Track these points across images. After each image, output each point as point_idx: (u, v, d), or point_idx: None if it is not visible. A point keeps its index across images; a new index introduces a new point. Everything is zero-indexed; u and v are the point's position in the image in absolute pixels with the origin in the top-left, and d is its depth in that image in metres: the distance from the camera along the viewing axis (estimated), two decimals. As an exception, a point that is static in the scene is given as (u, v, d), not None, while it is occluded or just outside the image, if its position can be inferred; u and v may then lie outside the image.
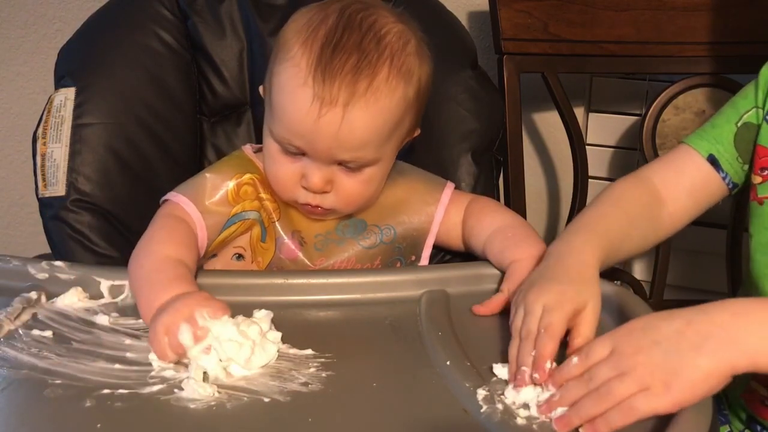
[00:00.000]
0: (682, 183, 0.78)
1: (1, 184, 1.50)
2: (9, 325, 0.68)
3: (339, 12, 0.75)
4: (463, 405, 0.57)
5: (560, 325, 0.60)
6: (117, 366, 0.62)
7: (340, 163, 0.76)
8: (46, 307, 0.72)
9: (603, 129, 1.25)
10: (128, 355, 0.64)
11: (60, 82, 0.93)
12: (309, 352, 0.65)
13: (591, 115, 1.26)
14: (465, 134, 0.91)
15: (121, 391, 0.59)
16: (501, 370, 0.61)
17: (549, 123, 1.28)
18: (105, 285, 0.75)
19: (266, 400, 0.58)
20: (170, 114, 0.96)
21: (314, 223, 0.82)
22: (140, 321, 0.70)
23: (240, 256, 0.83)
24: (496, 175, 0.94)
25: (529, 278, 0.67)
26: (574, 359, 0.57)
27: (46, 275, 0.76)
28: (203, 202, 0.79)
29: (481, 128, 0.92)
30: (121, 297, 0.75)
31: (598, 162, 1.30)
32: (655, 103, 1.04)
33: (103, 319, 0.70)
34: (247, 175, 0.81)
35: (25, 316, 0.70)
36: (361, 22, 0.74)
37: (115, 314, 0.71)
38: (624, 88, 1.22)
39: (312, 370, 0.62)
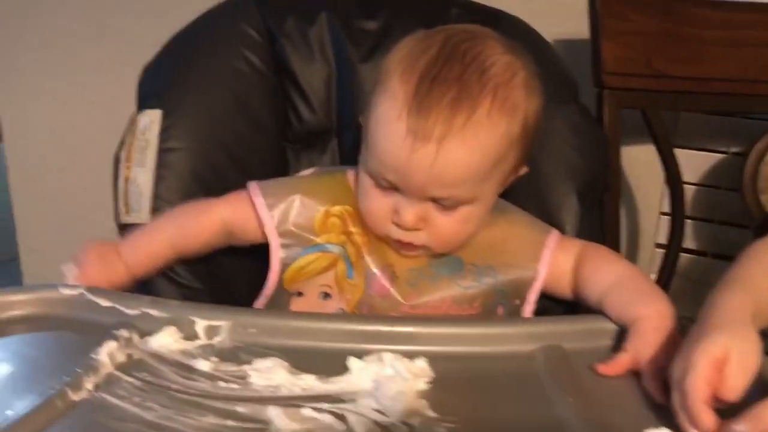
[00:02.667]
0: None
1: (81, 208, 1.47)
2: (107, 368, 0.64)
3: (442, 42, 0.71)
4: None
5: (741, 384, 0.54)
6: (230, 422, 0.58)
7: (434, 200, 0.72)
8: (140, 348, 0.68)
9: (687, 165, 1.20)
10: (239, 409, 0.59)
11: (145, 103, 0.89)
12: (431, 413, 0.60)
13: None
14: (570, 172, 0.86)
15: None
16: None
17: (630, 157, 1.23)
18: (201, 325, 0.71)
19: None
20: (255, 139, 0.93)
21: (408, 258, 0.78)
22: (243, 367, 0.65)
23: (327, 295, 0.79)
24: (600, 216, 0.89)
25: (688, 339, 0.61)
26: (741, 425, 0.52)
27: (138, 312, 0.72)
28: (287, 223, 0.77)
29: (586, 166, 0.87)
30: (218, 338, 0.70)
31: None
32: (758, 144, 0.99)
33: (203, 365, 0.65)
34: (338, 207, 0.78)
35: (120, 357, 0.66)
36: (464, 53, 0.71)
37: (214, 359, 0.67)
38: (709, 124, 1.17)
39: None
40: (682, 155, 1.20)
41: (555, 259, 0.79)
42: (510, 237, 0.79)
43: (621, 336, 0.72)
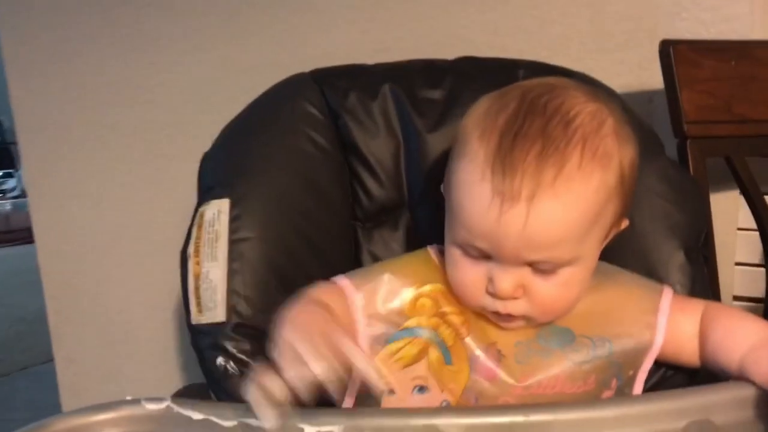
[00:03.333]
0: None
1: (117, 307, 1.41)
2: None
3: (520, 98, 0.67)
4: None
5: None
6: None
7: (531, 265, 0.66)
8: (246, 464, 0.61)
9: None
10: None
11: (209, 193, 0.84)
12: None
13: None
14: (672, 229, 0.80)
15: None
16: None
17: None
18: (309, 432, 0.64)
19: None
20: (327, 220, 0.87)
21: (512, 331, 0.71)
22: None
23: (422, 388, 0.71)
24: (706, 273, 0.83)
25: None
26: None
27: (234, 423, 0.65)
28: (375, 305, 0.71)
29: (688, 221, 0.81)
30: (331, 447, 0.63)
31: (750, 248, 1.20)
32: None
33: (324, 480, 0.58)
34: (429, 287, 0.72)
35: (228, 478, 0.59)
36: (545, 106, 0.66)
37: (334, 470, 0.59)
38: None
39: None
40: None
41: (675, 324, 0.72)
42: (621, 302, 0.73)
43: (771, 403, 0.65)
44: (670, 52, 0.90)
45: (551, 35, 1.12)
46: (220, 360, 0.78)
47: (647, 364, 0.72)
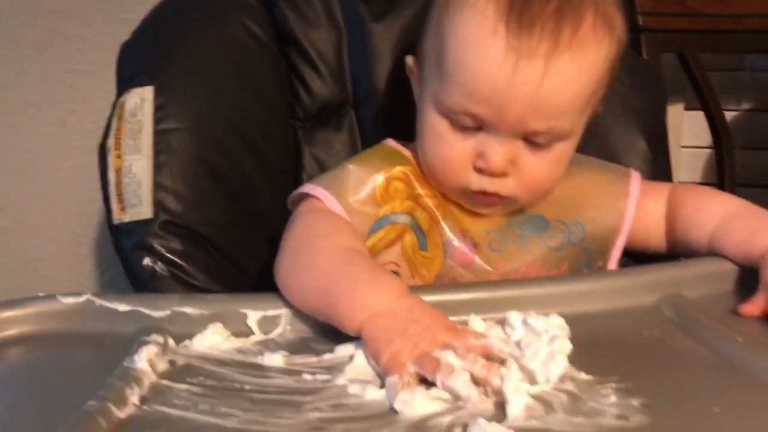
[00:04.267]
0: None
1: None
2: (150, 377, 0.49)
3: None
4: None
5: None
6: (339, 414, 0.44)
7: (526, 138, 0.61)
8: (182, 353, 0.53)
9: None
10: (346, 401, 0.45)
11: (130, 82, 0.75)
12: (584, 376, 0.47)
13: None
14: (633, 116, 0.77)
15: None
16: None
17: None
18: (253, 318, 0.56)
19: (590, 443, 0.41)
20: (264, 116, 0.80)
21: (482, 219, 0.66)
22: (325, 356, 0.52)
23: (394, 273, 0.65)
24: (668, 160, 0.80)
25: None
26: None
27: (167, 313, 0.57)
28: (347, 199, 0.63)
29: (649, 108, 0.78)
30: (277, 331, 0.56)
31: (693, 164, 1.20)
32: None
33: (275, 360, 0.51)
34: (398, 168, 0.66)
35: (161, 365, 0.51)
36: None
37: (283, 352, 0.53)
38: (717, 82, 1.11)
39: (613, 399, 0.45)
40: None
41: (642, 207, 0.68)
42: (590, 187, 0.68)
43: (743, 276, 0.62)
44: (625, -61, 0.86)
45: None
46: (146, 260, 0.70)
47: (616, 252, 0.69)
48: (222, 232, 0.74)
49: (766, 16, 0.91)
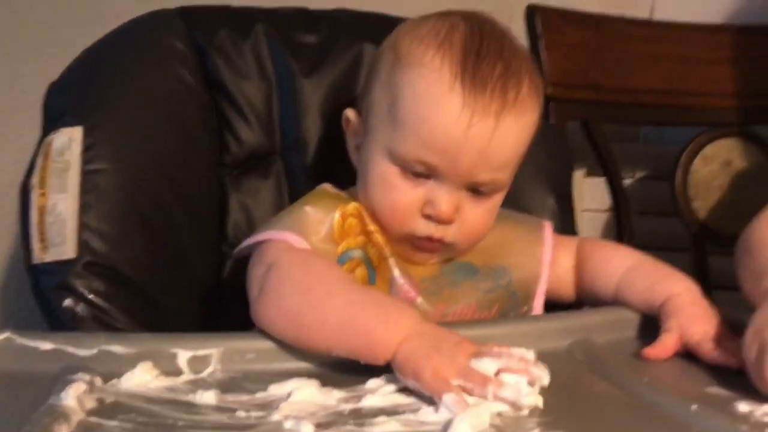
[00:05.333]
0: None
1: None
2: (78, 413, 0.48)
3: (465, 19, 0.67)
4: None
5: None
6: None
7: (471, 188, 0.66)
8: (110, 391, 0.52)
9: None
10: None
11: (59, 122, 0.74)
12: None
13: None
14: (544, 175, 0.83)
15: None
16: (747, 408, 0.51)
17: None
18: (184, 357, 0.56)
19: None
20: (192, 162, 0.81)
21: (418, 267, 0.69)
22: (256, 396, 0.52)
23: None
24: (573, 219, 0.86)
25: (759, 321, 0.56)
26: None
27: (94, 351, 0.56)
28: (311, 239, 0.65)
29: (557, 169, 0.85)
30: (208, 371, 0.56)
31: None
32: (685, 154, 1.03)
33: (207, 398, 0.51)
34: (352, 204, 0.68)
35: (89, 403, 0.50)
36: (493, 31, 0.67)
37: (215, 391, 0.53)
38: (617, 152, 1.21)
39: (537, 431, 0.48)
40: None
41: (555, 258, 0.73)
42: (510, 235, 0.73)
43: (645, 324, 0.68)
44: (536, 15, 0.95)
45: (417, 5, 1.14)
46: (68, 301, 0.68)
47: (539, 299, 0.73)
48: (146, 273, 0.73)
49: (661, 92, 1.01)
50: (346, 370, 0.56)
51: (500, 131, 0.63)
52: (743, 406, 0.51)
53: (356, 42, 0.88)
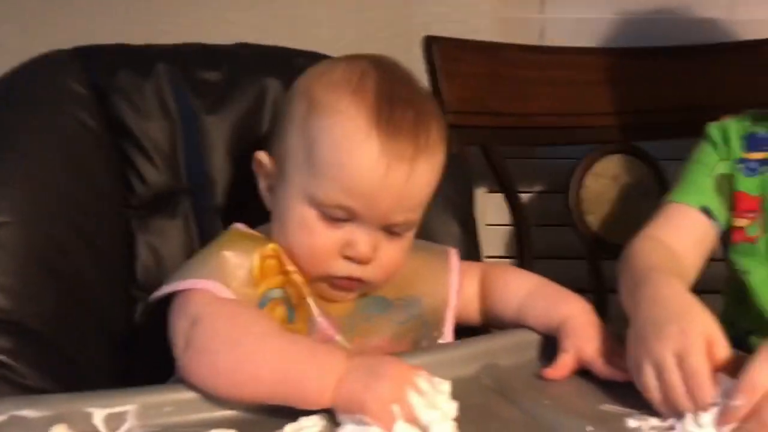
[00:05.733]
0: (688, 236, 0.82)
1: None
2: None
3: (374, 65, 0.69)
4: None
5: (704, 366, 0.56)
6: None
7: (386, 228, 0.68)
8: (24, 458, 0.52)
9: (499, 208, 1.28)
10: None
11: (-49, 175, 0.72)
12: None
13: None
14: (447, 202, 0.86)
15: None
16: (636, 423, 0.56)
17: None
18: (99, 416, 0.56)
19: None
20: (97, 207, 0.79)
21: (334, 304, 0.71)
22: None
23: None
24: (477, 243, 0.90)
25: (633, 332, 0.62)
26: (737, 402, 0.53)
27: (4, 417, 0.55)
28: (232, 285, 0.65)
29: (459, 196, 0.88)
30: (124, 428, 0.56)
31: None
32: (577, 171, 1.09)
33: (126, 457, 0.52)
34: (270, 246, 0.69)
35: (2, 473, 0.50)
36: (401, 77, 0.70)
37: (133, 449, 0.53)
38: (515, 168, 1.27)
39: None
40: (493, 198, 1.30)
41: (461, 285, 0.76)
42: (418, 265, 0.75)
43: (546, 344, 0.72)
44: (433, 46, 0.98)
45: (317, 37, 1.16)
46: (-28, 363, 0.66)
47: (449, 325, 0.76)
48: (55, 325, 0.71)
49: (553, 114, 1.07)
50: (265, 414, 0.58)
51: (414, 175, 0.66)
52: (632, 422, 0.57)
53: (259, 78, 0.89)
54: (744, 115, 0.88)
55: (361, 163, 0.65)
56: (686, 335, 0.58)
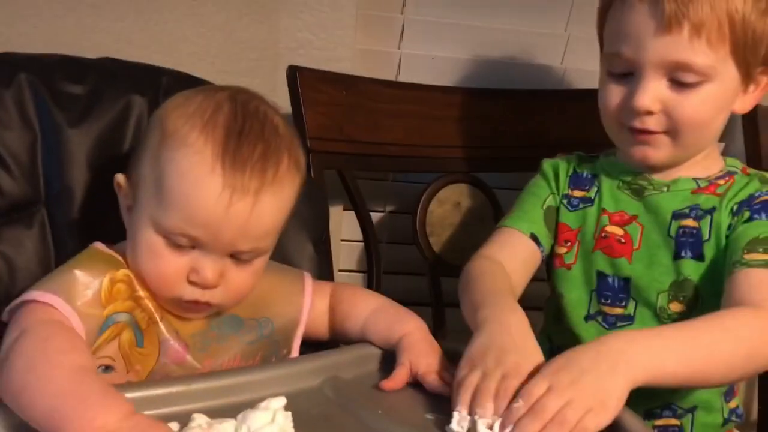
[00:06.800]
0: (517, 258, 0.93)
1: None
2: None
3: (230, 99, 0.73)
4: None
5: (515, 389, 0.65)
6: None
7: (233, 255, 0.72)
8: None
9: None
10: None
11: None
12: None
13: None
14: (302, 224, 0.93)
15: None
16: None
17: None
18: None
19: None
20: (-52, 216, 0.79)
21: (188, 323, 0.75)
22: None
23: (108, 368, 0.71)
24: (329, 262, 0.97)
25: (477, 345, 0.71)
26: (519, 401, 0.64)
27: None
28: (76, 303, 0.68)
29: (315, 218, 0.95)
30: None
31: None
32: (423, 197, 1.19)
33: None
34: (122, 271, 0.72)
35: None
36: (256, 111, 0.74)
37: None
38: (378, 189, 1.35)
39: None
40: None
41: (313, 304, 0.83)
42: (274, 287, 0.81)
43: (384, 357, 0.80)
44: (296, 76, 1.04)
45: (184, 52, 1.19)
46: None
47: (297, 341, 0.82)
48: None
49: (403, 144, 1.16)
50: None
51: (259, 208, 0.70)
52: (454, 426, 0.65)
53: (124, 93, 0.91)
54: (572, 155, 1.01)
55: (204, 195, 0.69)
56: (519, 366, 0.67)
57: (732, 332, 0.74)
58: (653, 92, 0.85)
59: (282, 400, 0.62)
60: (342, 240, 1.40)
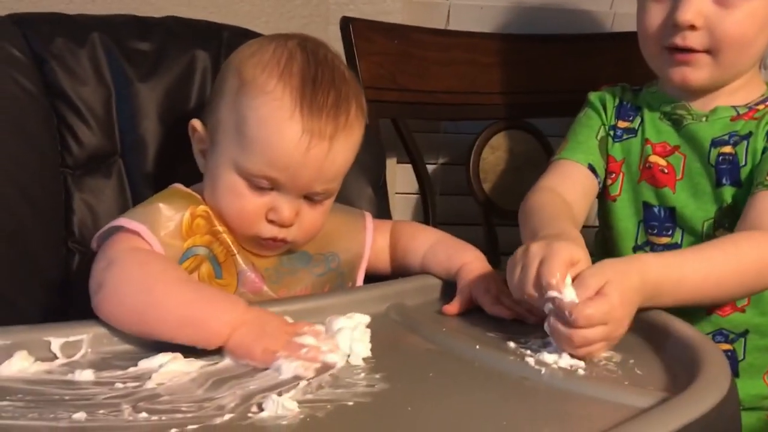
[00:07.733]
0: (577, 188, 0.94)
1: None
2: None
3: (301, 47, 0.77)
4: (521, 374, 0.63)
5: (557, 268, 0.64)
6: (167, 418, 0.54)
7: (306, 196, 0.77)
8: (-9, 379, 0.59)
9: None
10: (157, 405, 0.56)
11: None
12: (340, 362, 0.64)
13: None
14: (362, 169, 0.96)
15: (191, 426, 0.52)
16: (514, 345, 0.68)
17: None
18: (57, 344, 0.64)
19: (350, 403, 0.56)
20: (36, 165, 0.86)
21: (262, 259, 0.80)
22: (129, 371, 0.61)
23: None
24: (387, 203, 1.01)
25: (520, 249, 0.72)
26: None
27: (-34, 346, 0.62)
28: (159, 233, 0.73)
29: (374, 163, 0.99)
30: (80, 354, 0.64)
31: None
32: (476, 143, 1.22)
33: (85, 376, 0.59)
34: (201, 207, 0.77)
35: (-28, 390, 0.56)
36: (325, 59, 0.78)
37: (91, 369, 0.61)
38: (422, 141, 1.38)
39: (362, 374, 0.61)
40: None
41: (374, 240, 0.87)
42: (338, 225, 0.86)
43: (446, 287, 0.84)
44: (349, 26, 1.08)
45: (239, 12, 1.24)
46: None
47: (361, 275, 0.87)
48: (-1, 275, 0.77)
49: (454, 92, 1.19)
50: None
51: (333, 151, 0.75)
52: (511, 344, 0.69)
53: (188, 49, 0.96)
54: (617, 87, 1.01)
55: (285, 140, 0.73)
56: (551, 248, 0.67)
57: (741, 255, 0.77)
58: (697, 5, 0.85)
59: (367, 318, 0.68)
60: (396, 193, 1.44)
